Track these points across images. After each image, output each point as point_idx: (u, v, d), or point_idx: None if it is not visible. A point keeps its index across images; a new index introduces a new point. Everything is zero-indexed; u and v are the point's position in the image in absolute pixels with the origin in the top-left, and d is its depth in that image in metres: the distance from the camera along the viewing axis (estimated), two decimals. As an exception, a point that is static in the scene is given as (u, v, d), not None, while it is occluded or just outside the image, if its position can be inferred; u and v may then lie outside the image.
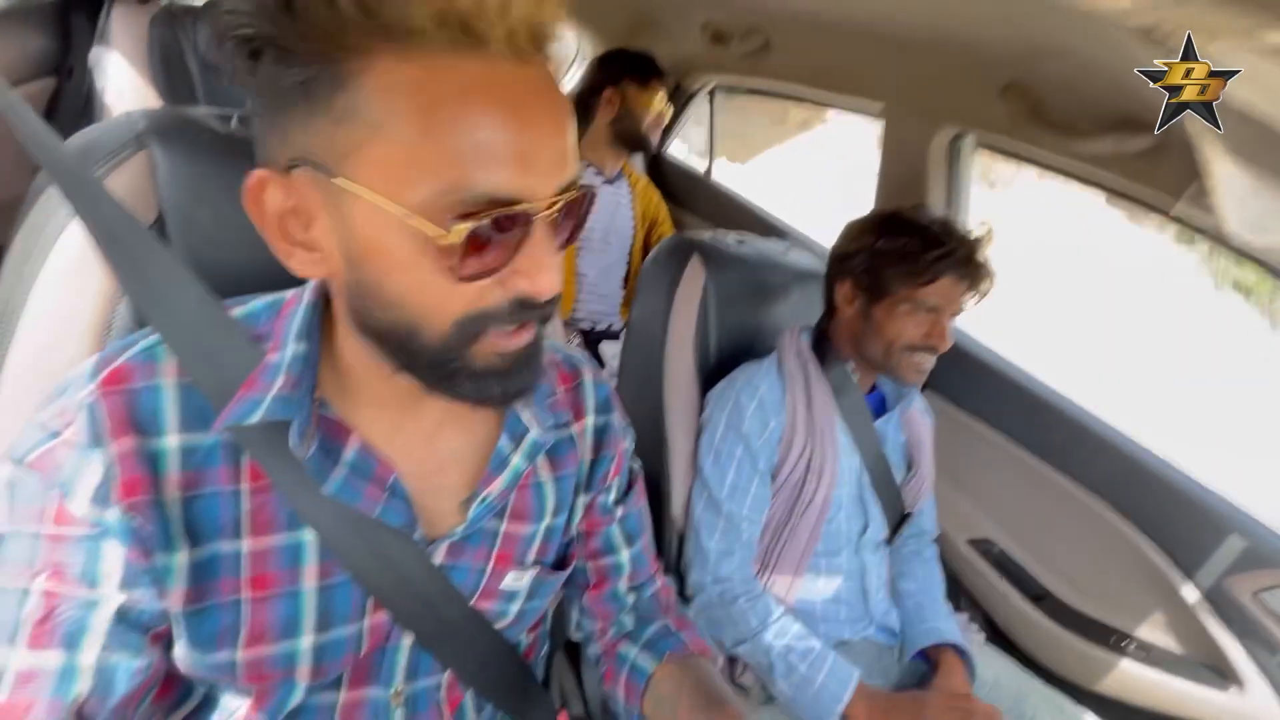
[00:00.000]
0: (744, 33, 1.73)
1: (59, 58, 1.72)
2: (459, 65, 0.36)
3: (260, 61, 0.37)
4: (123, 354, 0.46)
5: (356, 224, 0.39)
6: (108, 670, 0.43)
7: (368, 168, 0.37)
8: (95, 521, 0.43)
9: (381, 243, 0.39)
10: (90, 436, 0.43)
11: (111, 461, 0.43)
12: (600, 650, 0.71)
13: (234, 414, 0.44)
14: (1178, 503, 1.15)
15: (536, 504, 0.59)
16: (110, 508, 0.43)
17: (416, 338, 0.41)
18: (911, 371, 1.00)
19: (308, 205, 0.40)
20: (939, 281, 0.95)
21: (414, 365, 0.43)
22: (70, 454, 0.43)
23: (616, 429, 0.65)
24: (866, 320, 1.01)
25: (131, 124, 0.58)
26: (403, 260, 0.39)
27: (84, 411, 0.43)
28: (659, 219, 1.95)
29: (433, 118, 0.36)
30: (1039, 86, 1.13)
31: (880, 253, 0.99)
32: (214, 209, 0.59)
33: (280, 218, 0.41)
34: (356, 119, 0.36)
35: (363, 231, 0.39)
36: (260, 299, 0.51)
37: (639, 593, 0.71)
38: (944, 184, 1.44)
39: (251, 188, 0.40)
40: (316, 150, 0.38)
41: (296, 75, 0.36)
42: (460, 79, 0.36)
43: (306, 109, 0.37)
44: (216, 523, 0.46)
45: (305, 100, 0.37)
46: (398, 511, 0.50)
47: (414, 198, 0.37)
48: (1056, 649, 1.23)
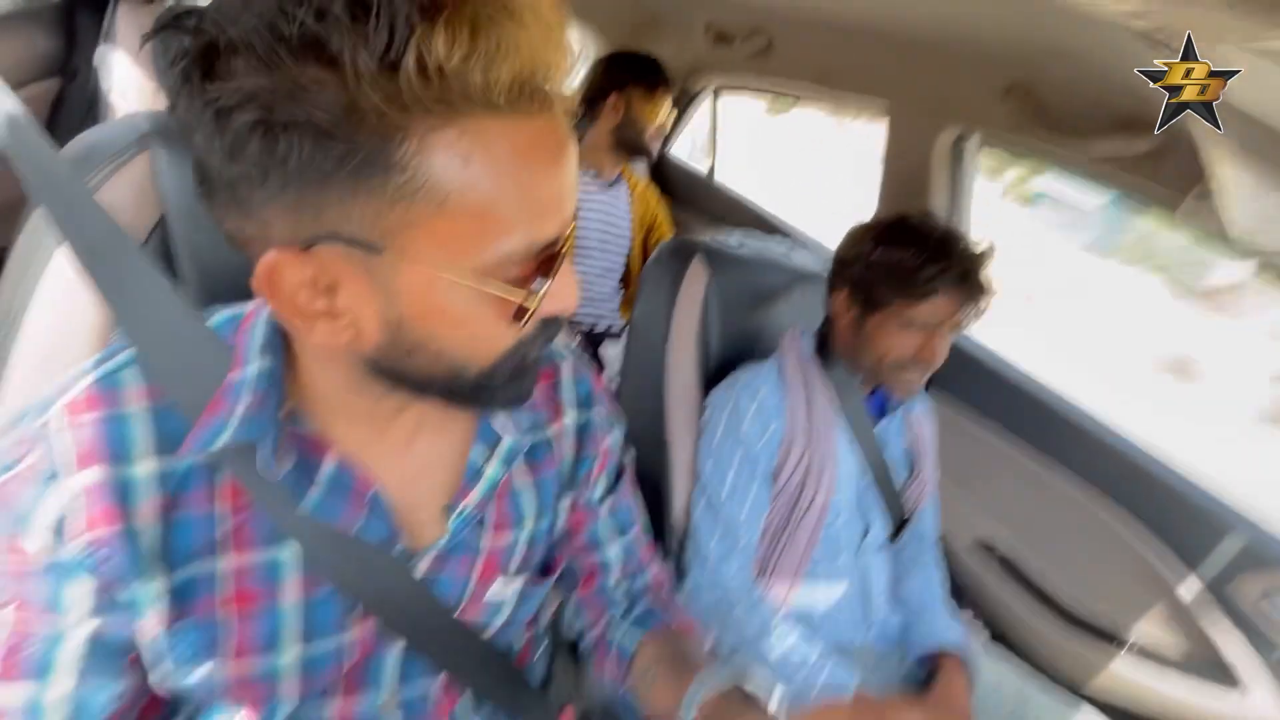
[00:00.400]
0: (747, 33, 1.73)
1: (64, 58, 1.72)
2: (517, 127, 0.35)
3: (280, 140, 0.32)
4: (82, 382, 0.44)
5: (407, 290, 0.37)
6: (83, 698, 0.42)
7: (426, 240, 0.36)
8: (51, 557, 0.41)
9: (435, 304, 0.38)
10: (48, 470, 0.41)
11: (73, 495, 0.41)
12: (592, 642, 0.70)
13: (200, 440, 0.42)
14: (1179, 504, 1.14)
15: (515, 511, 0.58)
16: (68, 544, 0.41)
17: (460, 377, 0.42)
18: (901, 388, 0.99)
19: (330, 275, 0.38)
20: (933, 299, 0.92)
21: (444, 395, 0.44)
22: (25, 488, 0.41)
23: (599, 424, 0.64)
24: (860, 331, 0.99)
25: (134, 125, 0.58)
26: (460, 316, 0.39)
27: (43, 444, 0.41)
28: (657, 222, 1.95)
29: (497, 185, 0.35)
30: (1043, 87, 1.13)
31: (875, 264, 0.96)
32: None
33: (295, 291, 0.38)
34: (418, 196, 0.34)
35: (414, 296, 0.38)
36: (222, 312, 0.49)
37: (630, 584, 0.70)
38: (947, 185, 1.44)
39: (265, 273, 0.37)
40: (360, 228, 0.35)
41: (339, 153, 0.33)
42: (517, 142, 0.36)
43: (348, 188, 0.34)
44: (194, 545, 0.45)
45: (350, 178, 0.34)
46: (377, 527, 0.49)
47: (476, 262, 0.37)
48: (1058, 650, 1.23)
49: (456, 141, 0.34)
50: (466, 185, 0.35)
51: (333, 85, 0.31)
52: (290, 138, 0.32)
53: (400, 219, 0.35)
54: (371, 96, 0.31)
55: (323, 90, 0.31)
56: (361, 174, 0.33)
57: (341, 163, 0.33)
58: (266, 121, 0.32)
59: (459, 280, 0.37)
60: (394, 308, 0.38)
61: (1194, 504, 1.13)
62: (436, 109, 0.33)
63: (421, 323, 0.39)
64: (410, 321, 0.39)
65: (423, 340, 0.40)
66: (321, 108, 0.31)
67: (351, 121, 0.32)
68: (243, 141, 0.33)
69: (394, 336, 0.40)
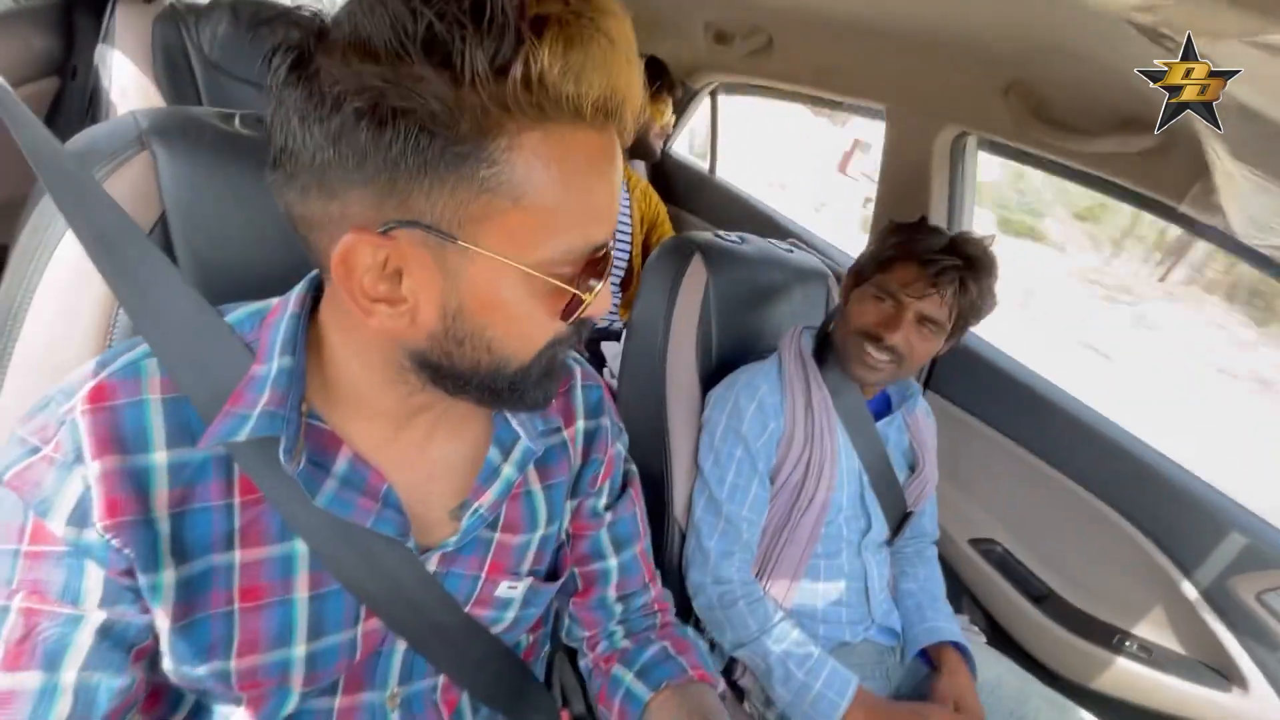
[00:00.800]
0: (746, 32, 1.73)
1: (63, 57, 1.72)
2: (589, 139, 0.39)
3: (388, 127, 0.35)
4: (105, 369, 0.45)
5: (472, 280, 0.40)
6: (89, 690, 0.42)
7: (497, 230, 0.39)
8: (72, 542, 0.42)
9: (497, 296, 0.41)
10: (71, 455, 0.42)
11: (93, 481, 0.42)
12: (591, 664, 0.69)
13: (221, 431, 0.44)
14: (1180, 503, 1.14)
15: (529, 514, 0.58)
16: (88, 528, 0.42)
17: (502, 372, 0.45)
18: (859, 363, 1.00)
19: (402, 259, 0.40)
20: (897, 267, 0.96)
21: (479, 392, 0.46)
22: (49, 471, 0.42)
23: (607, 432, 0.65)
24: (844, 310, 1.05)
25: (134, 124, 0.58)
26: (516, 310, 0.42)
27: (65, 429, 0.42)
28: (658, 221, 1.95)
29: (567, 187, 0.39)
30: (1042, 86, 1.13)
31: (872, 249, 1.03)
32: (217, 208, 0.59)
33: (364, 273, 0.40)
34: (499, 190, 0.37)
35: (478, 287, 0.41)
36: (244, 307, 0.50)
37: (628, 603, 0.70)
38: (946, 184, 1.44)
39: (346, 254, 0.39)
40: (441, 216, 0.38)
41: (440, 144, 0.36)
42: (588, 151, 0.39)
43: (440, 177, 0.37)
44: (208, 538, 0.46)
45: (446, 168, 0.37)
46: (391, 521, 0.50)
47: (539, 256, 0.40)
48: (1058, 649, 1.23)
49: (542, 144, 0.37)
50: (543, 184, 0.38)
51: (445, 82, 0.34)
52: (398, 126, 0.35)
53: (481, 210, 0.38)
54: (480, 95, 0.35)
55: (435, 86, 0.34)
56: (456, 165, 0.37)
57: (442, 153, 0.36)
58: (377, 109, 0.35)
59: (523, 270, 0.40)
60: (456, 296, 0.41)
61: (1195, 502, 1.13)
62: (532, 113, 0.36)
63: (479, 313, 0.42)
64: (469, 311, 0.41)
65: (475, 331, 0.42)
66: (433, 101, 0.35)
67: (456, 116, 0.35)
68: (350, 127, 0.35)
69: (449, 326, 0.42)
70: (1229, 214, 0.86)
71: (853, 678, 0.92)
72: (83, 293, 0.55)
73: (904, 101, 1.44)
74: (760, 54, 1.74)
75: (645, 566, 0.71)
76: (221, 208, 0.59)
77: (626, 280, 1.90)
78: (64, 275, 0.55)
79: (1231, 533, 1.09)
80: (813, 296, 1.23)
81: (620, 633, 0.70)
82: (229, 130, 0.61)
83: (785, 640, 0.95)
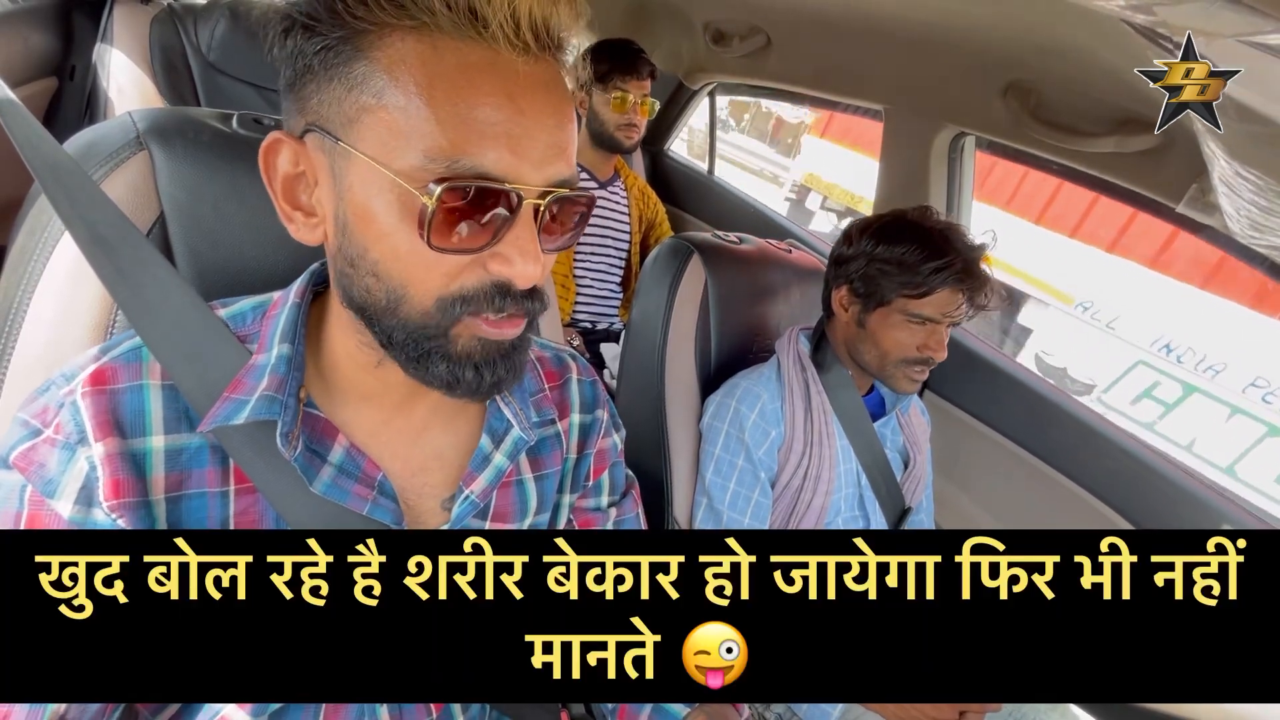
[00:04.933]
0: (745, 33, 1.73)
1: (61, 58, 1.72)
2: (463, 47, 0.39)
3: (289, 37, 0.41)
4: (107, 354, 0.45)
5: (351, 187, 0.41)
6: None
7: (369, 133, 0.39)
8: (80, 522, 0.42)
9: (370, 206, 0.41)
10: (74, 436, 0.42)
11: (98, 461, 0.42)
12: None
13: (220, 415, 0.44)
14: (1177, 502, 1.15)
15: (519, 503, 0.58)
16: (96, 508, 0.42)
17: (398, 310, 0.42)
18: (905, 382, 0.99)
19: (313, 170, 0.43)
20: (936, 294, 0.92)
21: (392, 341, 0.44)
22: (53, 453, 0.42)
23: (601, 425, 0.65)
24: (861, 328, 0.99)
25: (132, 124, 0.58)
26: (387, 226, 0.40)
27: (66, 410, 0.43)
28: (657, 220, 1.95)
29: (431, 89, 0.38)
30: (1041, 86, 1.13)
31: (877, 259, 0.96)
32: (215, 208, 0.59)
33: (286, 181, 0.44)
34: (365, 87, 0.39)
35: (356, 195, 0.41)
36: (247, 300, 0.51)
37: None
38: (944, 185, 1.44)
39: (266, 148, 0.43)
40: (328, 116, 0.41)
41: (318, 44, 0.40)
42: (461, 59, 0.39)
43: (325, 76, 0.40)
44: (203, 525, 0.46)
45: (324, 68, 0.40)
46: (385, 509, 0.50)
47: (404, 163, 0.39)
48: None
49: (410, 45, 0.38)
50: (406, 84, 0.38)
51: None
52: (295, 32, 0.40)
53: (354, 109, 0.40)
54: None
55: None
56: (332, 64, 0.40)
57: (323, 53, 0.40)
58: (288, 28, 0.41)
59: (389, 176, 0.39)
60: (342, 205, 0.42)
61: (1192, 501, 1.13)
62: (393, 11, 0.38)
63: (359, 227, 0.42)
64: (352, 225, 0.42)
65: (360, 251, 0.42)
66: (311, 7, 0.39)
67: (329, 14, 0.39)
68: (279, 45, 0.42)
69: (342, 243, 0.43)
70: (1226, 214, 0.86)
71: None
72: (81, 293, 0.55)
73: (902, 102, 1.44)
74: (759, 55, 1.74)
75: None
76: (220, 208, 0.59)
77: (625, 280, 1.90)
78: (62, 276, 0.55)
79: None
80: (811, 296, 1.23)
81: None
82: (227, 131, 0.61)
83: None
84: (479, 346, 0.44)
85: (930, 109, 1.38)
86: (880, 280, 0.95)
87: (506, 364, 0.45)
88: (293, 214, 0.45)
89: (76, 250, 0.51)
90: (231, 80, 1.72)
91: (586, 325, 1.83)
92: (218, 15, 1.71)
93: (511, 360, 0.46)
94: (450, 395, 0.45)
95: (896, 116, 1.47)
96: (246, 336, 0.48)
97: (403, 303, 0.42)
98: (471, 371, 0.44)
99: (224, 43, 1.69)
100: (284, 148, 0.43)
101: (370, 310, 0.43)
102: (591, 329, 1.83)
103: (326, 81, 0.40)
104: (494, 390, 0.46)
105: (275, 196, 0.45)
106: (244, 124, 0.62)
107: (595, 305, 1.84)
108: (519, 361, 0.47)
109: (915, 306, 0.94)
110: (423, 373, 0.44)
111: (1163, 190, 1.07)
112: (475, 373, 0.44)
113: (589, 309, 1.83)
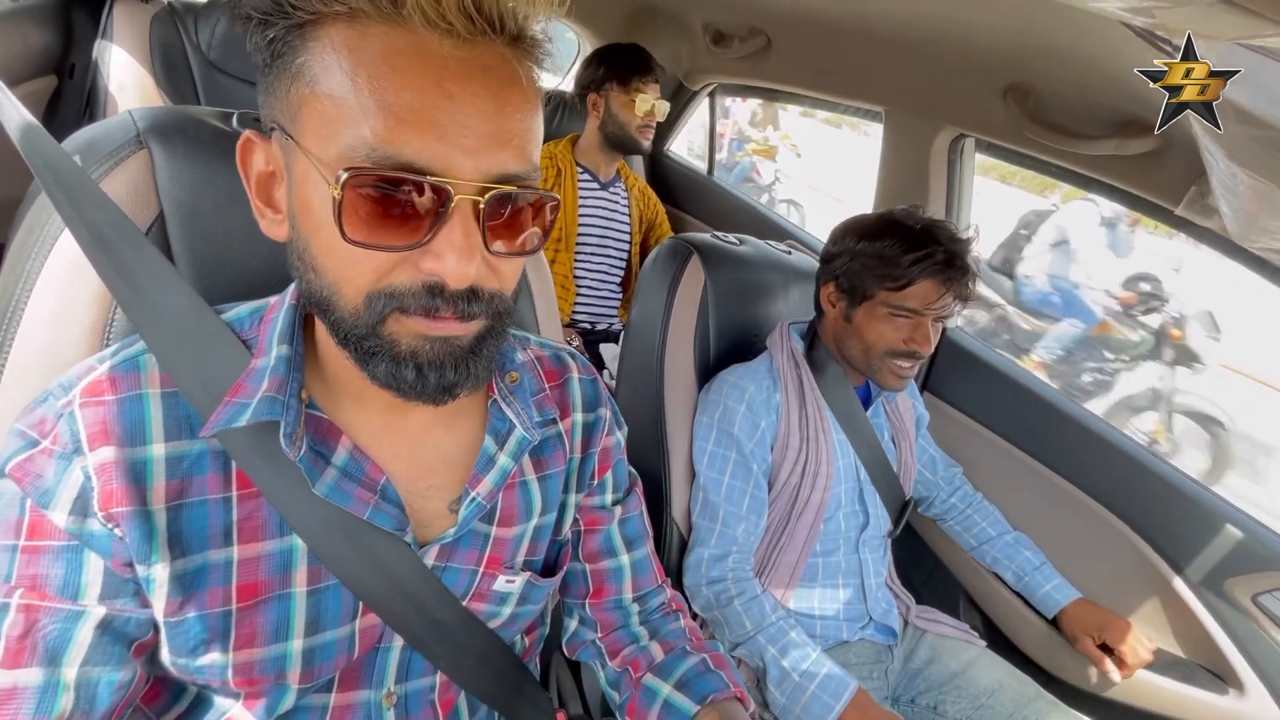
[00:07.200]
0: (745, 34, 1.73)
1: (61, 56, 1.72)
2: (390, 33, 0.38)
3: (250, 34, 0.41)
4: (104, 364, 0.45)
5: (297, 180, 0.41)
6: (90, 685, 0.42)
7: (308, 124, 0.39)
8: (76, 532, 0.42)
9: (309, 199, 0.40)
10: (70, 446, 0.42)
11: (92, 471, 0.42)
12: (616, 673, 0.67)
13: (222, 418, 0.44)
14: (1177, 505, 1.15)
15: (524, 504, 0.58)
16: (91, 518, 0.42)
17: (334, 307, 0.42)
18: (892, 377, 1.00)
19: (280, 167, 0.43)
20: (916, 284, 0.95)
21: (342, 341, 0.43)
22: (49, 463, 0.42)
23: (604, 424, 0.64)
24: (848, 323, 1.02)
25: (132, 123, 0.58)
26: (321, 218, 0.40)
27: (63, 421, 0.43)
28: (657, 221, 1.95)
29: (355, 76, 0.37)
30: (1040, 89, 1.13)
31: (859, 255, 0.99)
32: (215, 207, 0.59)
33: (260, 179, 0.45)
34: (302, 77, 0.39)
35: (299, 188, 0.41)
36: (244, 305, 0.51)
37: (644, 603, 0.69)
38: (944, 186, 1.44)
39: (240, 148, 0.44)
40: (281, 110, 0.41)
41: (269, 38, 0.40)
42: (387, 44, 0.37)
43: (276, 70, 0.40)
44: (205, 531, 0.45)
45: (275, 62, 0.40)
46: (388, 514, 0.50)
47: (331, 151, 0.38)
48: (1056, 652, 1.23)
49: (342, 33, 0.38)
50: (334, 70, 0.38)
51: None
52: (254, 32, 0.40)
53: (297, 99, 0.40)
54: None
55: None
56: (280, 56, 0.40)
57: (274, 45, 0.40)
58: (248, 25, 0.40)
59: (311, 162, 0.39)
60: (291, 198, 0.42)
61: (1192, 504, 1.13)
62: (329, 1, 0.38)
63: (303, 221, 0.41)
64: (299, 219, 0.42)
65: (304, 245, 0.42)
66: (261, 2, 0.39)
67: (277, 11, 0.39)
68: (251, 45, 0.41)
69: (294, 238, 0.43)
70: (1225, 216, 0.86)
71: (850, 682, 0.92)
72: (80, 291, 0.55)
73: (902, 104, 1.44)
74: (759, 56, 1.74)
75: (656, 566, 0.71)
76: (220, 207, 0.59)
77: (625, 281, 1.90)
78: (61, 274, 0.55)
79: (1227, 534, 1.09)
80: (810, 297, 1.23)
81: (644, 634, 0.68)
82: (227, 129, 0.61)
83: (781, 640, 0.95)
84: (425, 346, 0.42)
85: (930, 110, 1.38)
86: (863, 275, 0.98)
87: (460, 369, 0.43)
88: (264, 210, 0.45)
89: (75, 248, 0.51)
90: (232, 79, 1.72)
91: (586, 326, 1.83)
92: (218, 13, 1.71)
93: (468, 364, 0.43)
94: (398, 396, 0.44)
95: (896, 118, 1.47)
96: (245, 341, 0.48)
97: (335, 298, 0.41)
98: (413, 372, 0.42)
99: (224, 41, 1.69)
100: (256, 147, 0.44)
101: (316, 306, 0.43)
102: (591, 329, 1.83)
103: (277, 76, 0.41)
104: (444, 394, 0.43)
105: (251, 194, 0.45)
106: (244, 122, 0.62)
107: (595, 306, 1.84)
108: (479, 366, 0.44)
109: (897, 299, 0.96)
110: (369, 371, 0.43)
111: (1162, 193, 1.07)
112: (418, 374, 0.42)
113: (589, 309, 1.83)
